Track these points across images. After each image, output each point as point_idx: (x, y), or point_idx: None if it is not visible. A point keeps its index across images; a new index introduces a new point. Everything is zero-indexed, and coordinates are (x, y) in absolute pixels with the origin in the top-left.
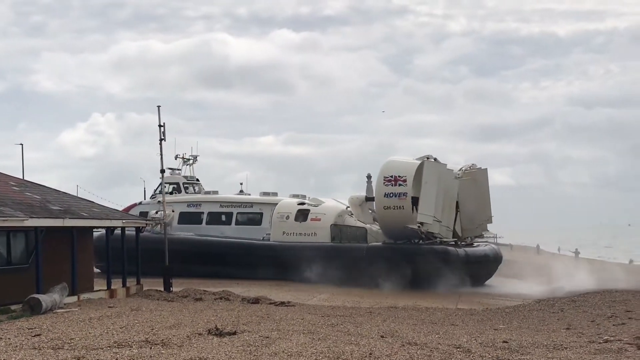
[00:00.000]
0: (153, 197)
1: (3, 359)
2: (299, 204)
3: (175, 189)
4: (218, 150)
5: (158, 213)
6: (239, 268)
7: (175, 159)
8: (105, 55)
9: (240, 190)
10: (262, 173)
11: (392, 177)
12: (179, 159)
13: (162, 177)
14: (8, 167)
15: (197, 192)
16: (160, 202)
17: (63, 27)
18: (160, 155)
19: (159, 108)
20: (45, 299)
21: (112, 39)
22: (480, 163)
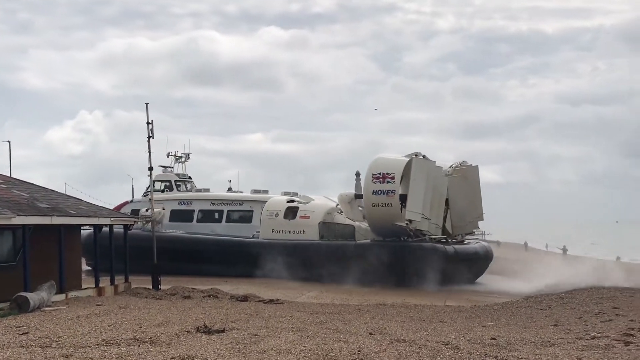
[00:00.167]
0: (145, 194)
1: None
2: (288, 202)
3: (167, 187)
4: (206, 148)
5: (149, 211)
6: (227, 266)
7: (168, 157)
8: (92, 53)
9: (229, 188)
10: (251, 170)
11: (380, 174)
12: (171, 157)
13: (150, 174)
14: None
15: (189, 189)
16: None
17: (49, 24)
18: (149, 153)
19: (147, 105)
20: (33, 297)
21: (99, 36)
22: (469, 160)
